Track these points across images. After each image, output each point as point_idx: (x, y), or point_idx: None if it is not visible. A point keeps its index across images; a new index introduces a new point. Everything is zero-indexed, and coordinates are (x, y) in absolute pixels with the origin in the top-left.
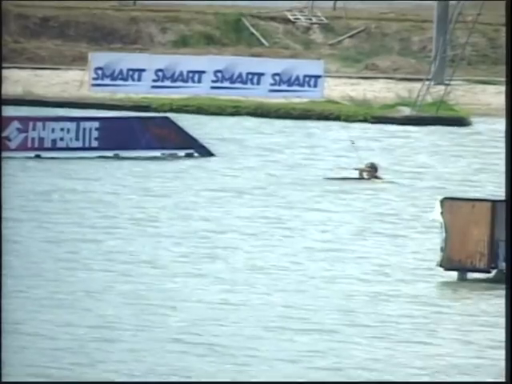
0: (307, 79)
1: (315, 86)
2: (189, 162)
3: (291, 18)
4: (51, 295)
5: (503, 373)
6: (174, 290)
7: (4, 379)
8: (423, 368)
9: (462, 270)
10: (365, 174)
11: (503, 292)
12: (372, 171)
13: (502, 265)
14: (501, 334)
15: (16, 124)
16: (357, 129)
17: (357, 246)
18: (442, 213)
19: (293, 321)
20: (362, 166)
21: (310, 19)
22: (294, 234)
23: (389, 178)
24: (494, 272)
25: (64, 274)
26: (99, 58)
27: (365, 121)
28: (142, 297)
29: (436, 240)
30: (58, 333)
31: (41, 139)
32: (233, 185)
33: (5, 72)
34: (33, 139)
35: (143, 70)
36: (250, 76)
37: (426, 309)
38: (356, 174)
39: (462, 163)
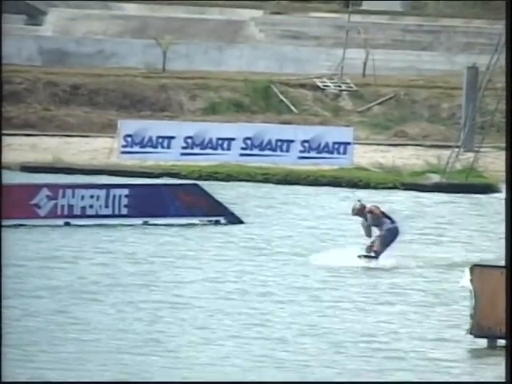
0: (336, 146)
1: (344, 153)
2: (219, 229)
3: (320, 85)
4: None
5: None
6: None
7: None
8: None
9: (492, 337)
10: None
11: None
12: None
13: None
14: None
15: (46, 191)
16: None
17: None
18: (471, 280)
19: None
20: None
21: (340, 86)
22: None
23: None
24: None
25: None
26: (128, 125)
27: (394, 188)
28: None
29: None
30: None
31: (70, 206)
32: (265, 250)
33: (34, 139)
34: (62, 206)
35: (172, 138)
36: (279, 143)
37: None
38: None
39: (492, 230)
